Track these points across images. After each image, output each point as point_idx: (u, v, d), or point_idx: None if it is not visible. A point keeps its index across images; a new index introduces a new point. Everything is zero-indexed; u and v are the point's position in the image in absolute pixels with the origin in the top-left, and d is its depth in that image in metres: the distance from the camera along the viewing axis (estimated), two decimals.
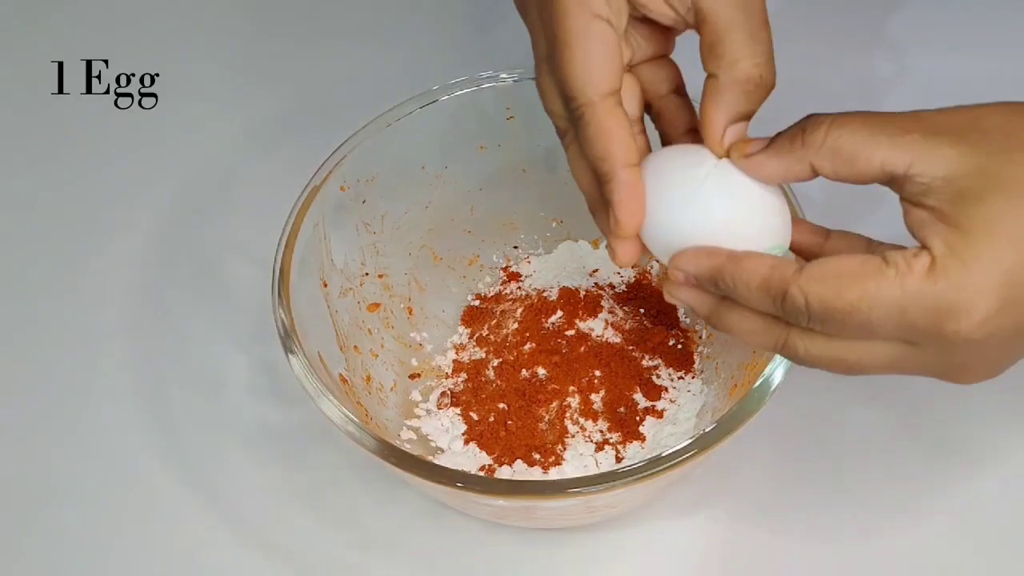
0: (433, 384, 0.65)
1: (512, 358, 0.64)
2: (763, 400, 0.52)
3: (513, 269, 0.69)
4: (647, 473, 0.50)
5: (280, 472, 0.63)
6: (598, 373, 0.63)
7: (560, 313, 0.65)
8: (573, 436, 0.61)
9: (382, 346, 0.64)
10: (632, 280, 0.67)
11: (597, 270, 0.68)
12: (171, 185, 0.77)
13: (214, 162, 0.78)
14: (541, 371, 0.63)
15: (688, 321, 0.65)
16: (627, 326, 0.65)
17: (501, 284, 0.69)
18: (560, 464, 0.60)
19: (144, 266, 0.73)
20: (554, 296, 0.66)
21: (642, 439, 0.61)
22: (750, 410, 0.52)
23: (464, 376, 0.64)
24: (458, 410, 0.63)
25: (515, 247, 0.70)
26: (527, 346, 0.64)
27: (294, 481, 0.63)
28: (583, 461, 0.60)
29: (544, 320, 0.65)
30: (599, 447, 0.61)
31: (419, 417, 0.63)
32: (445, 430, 0.62)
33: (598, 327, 0.65)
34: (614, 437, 0.61)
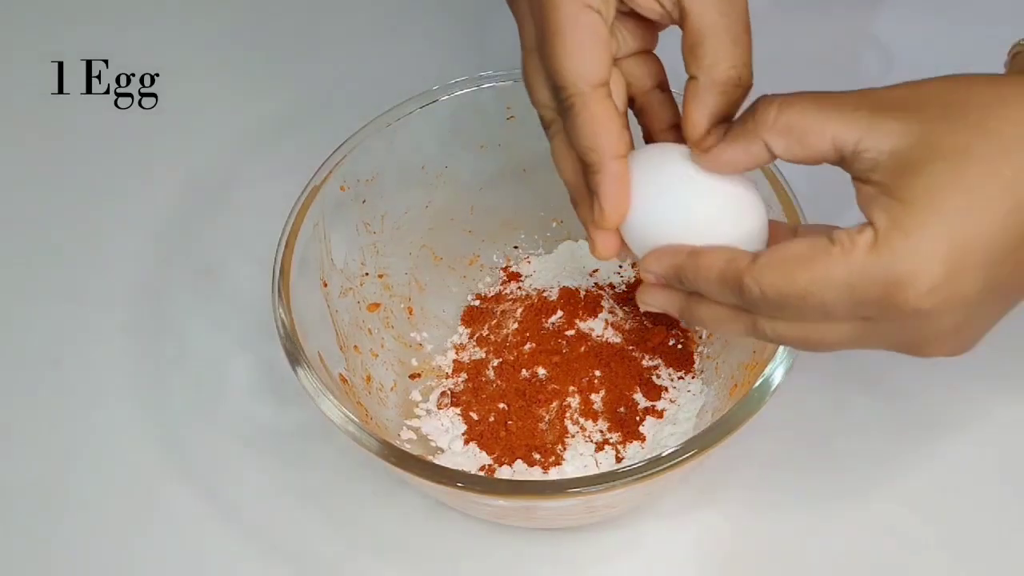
0: (433, 384, 0.65)
1: (512, 358, 0.64)
2: (763, 400, 0.52)
3: (513, 269, 0.69)
4: (647, 473, 0.50)
5: (280, 472, 0.63)
6: (598, 373, 0.63)
7: (560, 313, 0.65)
8: (573, 436, 0.61)
9: (382, 346, 0.64)
10: (632, 280, 0.67)
11: (597, 270, 0.68)
12: (171, 185, 0.77)
13: (214, 162, 0.78)
14: (541, 371, 0.63)
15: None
16: (627, 326, 0.65)
17: (501, 284, 0.69)
18: (560, 464, 0.60)
19: (144, 266, 0.73)
20: (554, 296, 0.66)
21: (642, 439, 0.61)
22: (750, 410, 0.52)
23: (464, 376, 0.64)
24: (458, 410, 0.63)
25: (515, 247, 0.70)
26: (527, 346, 0.64)
27: (294, 481, 0.63)
28: (583, 461, 0.60)
29: (544, 320, 0.65)
30: (599, 447, 0.61)
31: (419, 417, 0.63)
32: (445, 430, 0.62)
33: (598, 327, 0.65)
34: (614, 437, 0.61)
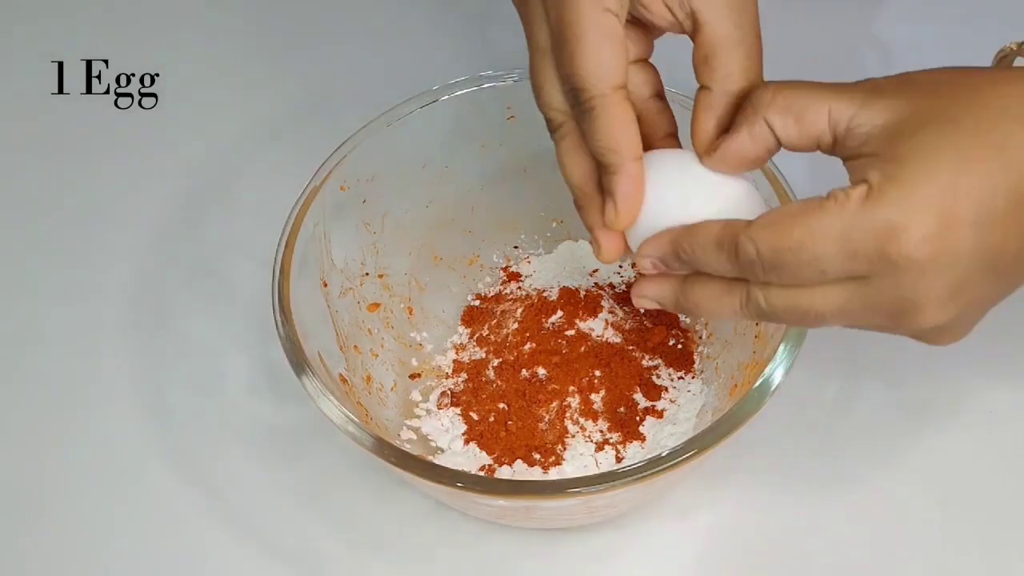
0: (433, 384, 0.65)
1: (512, 358, 0.64)
2: (763, 400, 0.52)
3: (513, 269, 0.69)
4: (647, 473, 0.50)
5: (280, 472, 0.63)
6: (598, 373, 0.63)
7: (560, 313, 0.65)
8: (573, 436, 0.61)
9: (382, 346, 0.64)
10: (632, 280, 0.67)
11: (597, 270, 0.68)
12: (171, 185, 0.77)
13: (214, 162, 0.78)
14: (541, 371, 0.63)
15: (688, 321, 0.66)
16: (627, 326, 0.65)
17: (501, 284, 0.69)
18: (560, 464, 0.60)
19: (144, 266, 0.73)
20: (554, 296, 0.66)
21: (642, 439, 0.61)
22: (750, 410, 0.52)
23: (464, 376, 0.64)
24: (458, 410, 0.63)
25: (515, 247, 0.70)
26: (527, 346, 0.64)
27: (294, 481, 0.62)
28: (583, 461, 0.60)
29: (544, 320, 0.65)
30: (599, 447, 0.61)
31: (419, 417, 0.63)
32: (445, 430, 0.62)
33: (598, 327, 0.65)
34: (614, 437, 0.61)
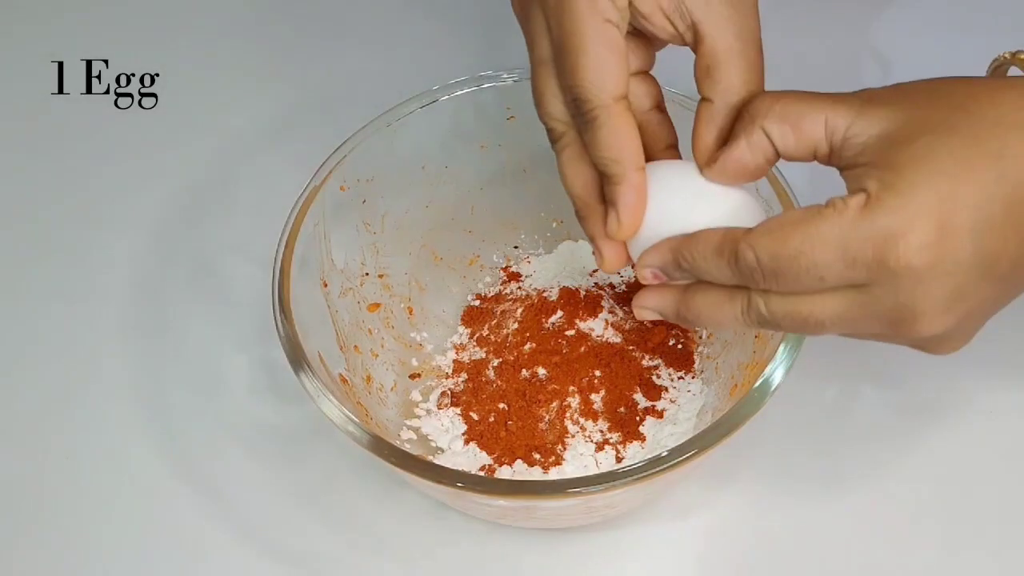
0: (433, 384, 0.65)
1: (512, 358, 0.64)
2: (763, 400, 0.52)
3: (513, 269, 0.69)
4: (647, 473, 0.50)
5: (280, 472, 0.63)
6: (598, 373, 0.63)
7: (560, 313, 0.65)
8: (573, 436, 0.61)
9: (382, 346, 0.64)
10: (632, 280, 0.67)
11: (597, 270, 0.68)
12: (171, 185, 0.77)
13: (214, 162, 0.78)
14: (541, 371, 0.63)
15: None
16: (627, 326, 0.65)
17: (501, 284, 0.69)
18: (560, 464, 0.60)
19: (144, 266, 0.73)
20: (554, 296, 0.66)
21: (642, 439, 0.61)
22: (750, 410, 0.52)
23: (464, 376, 0.64)
24: (458, 410, 0.63)
25: (515, 247, 0.70)
26: (527, 346, 0.64)
27: (294, 481, 0.62)
28: (583, 461, 0.60)
29: (544, 320, 0.65)
30: (599, 447, 0.61)
31: (419, 417, 0.63)
32: (445, 430, 0.62)
33: (598, 327, 0.65)
34: (614, 437, 0.61)
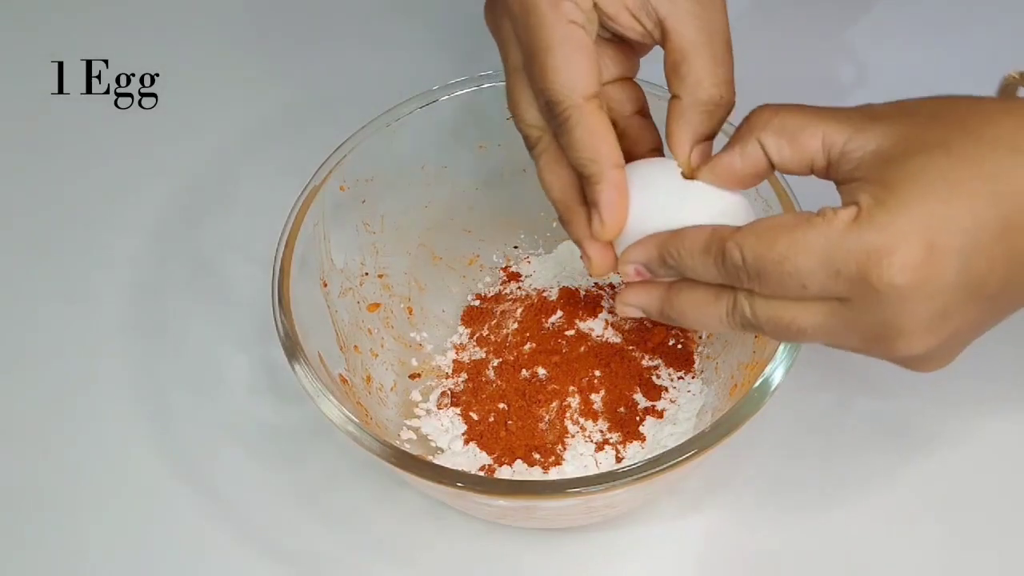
0: (433, 384, 0.65)
1: (512, 358, 0.64)
2: (763, 400, 0.52)
3: (513, 269, 0.69)
4: (647, 473, 0.50)
5: (280, 472, 0.63)
6: (598, 373, 0.63)
7: (560, 313, 0.65)
8: (573, 436, 0.61)
9: (382, 346, 0.64)
10: None
11: None
12: (171, 185, 0.77)
13: (214, 162, 0.78)
14: (541, 371, 0.63)
15: None
16: (627, 326, 0.65)
17: (501, 284, 0.69)
18: (560, 464, 0.60)
19: (144, 266, 0.73)
20: (554, 296, 0.66)
21: (642, 439, 0.61)
22: (750, 410, 0.52)
23: (464, 376, 0.64)
24: (458, 410, 0.63)
25: (515, 247, 0.70)
26: (527, 346, 0.64)
27: (294, 481, 0.62)
28: (583, 461, 0.60)
29: (544, 320, 0.65)
30: (599, 447, 0.61)
31: (419, 417, 0.63)
32: (445, 430, 0.62)
33: (598, 327, 0.65)
34: (614, 437, 0.61)
